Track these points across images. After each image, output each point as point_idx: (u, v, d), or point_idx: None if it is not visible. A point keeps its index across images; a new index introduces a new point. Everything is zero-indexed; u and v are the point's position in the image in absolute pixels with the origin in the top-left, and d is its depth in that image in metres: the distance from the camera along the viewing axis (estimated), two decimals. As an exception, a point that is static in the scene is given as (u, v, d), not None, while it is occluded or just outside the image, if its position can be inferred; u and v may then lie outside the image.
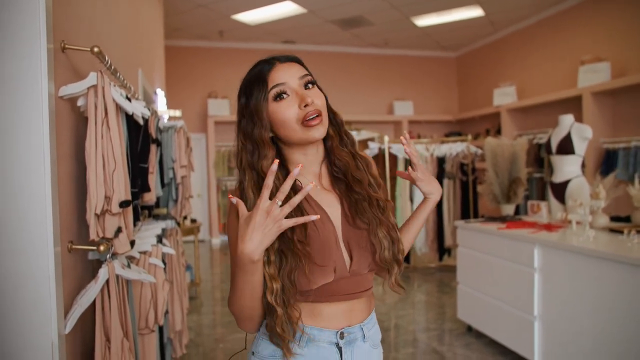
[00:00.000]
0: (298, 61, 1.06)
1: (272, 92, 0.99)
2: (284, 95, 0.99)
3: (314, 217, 0.87)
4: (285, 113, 0.99)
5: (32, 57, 1.10)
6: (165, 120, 3.08)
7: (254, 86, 1.02)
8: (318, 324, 1.02)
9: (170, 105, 5.71)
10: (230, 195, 0.94)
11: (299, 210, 0.96)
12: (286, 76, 1.00)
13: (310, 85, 1.02)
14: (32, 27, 1.10)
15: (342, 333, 1.02)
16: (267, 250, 0.92)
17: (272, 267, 0.94)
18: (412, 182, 1.21)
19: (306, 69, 1.06)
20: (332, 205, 1.04)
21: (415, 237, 1.23)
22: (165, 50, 6.30)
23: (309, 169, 1.07)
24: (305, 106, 0.98)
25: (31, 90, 1.11)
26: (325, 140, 1.07)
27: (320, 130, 0.99)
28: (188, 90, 7.90)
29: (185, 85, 7.88)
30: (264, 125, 1.00)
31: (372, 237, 1.03)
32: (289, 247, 0.94)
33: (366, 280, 1.06)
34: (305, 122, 0.98)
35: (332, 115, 1.09)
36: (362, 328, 1.06)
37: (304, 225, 0.96)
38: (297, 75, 1.01)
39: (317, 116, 0.98)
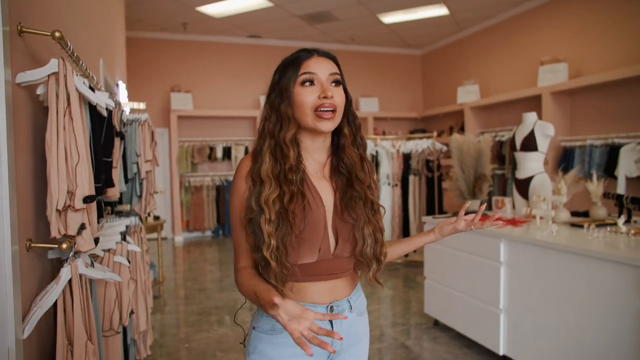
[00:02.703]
0: (334, 60, 1.18)
1: (301, 77, 1.11)
2: (310, 83, 1.11)
3: (331, 349, 0.87)
4: (305, 97, 1.10)
5: (-14, 40, 1.01)
6: (127, 113, 2.96)
7: (289, 68, 1.13)
8: (309, 300, 1.13)
9: (131, 98, 5.52)
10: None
11: (300, 192, 1.09)
12: (318, 68, 1.12)
13: (336, 84, 1.13)
14: (-14, 7, 1.01)
15: (331, 307, 1.15)
16: (269, 210, 1.06)
17: (271, 226, 1.05)
18: (462, 224, 1.30)
19: (340, 70, 1.17)
20: (326, 193, 1.16)
21: (399, 254, 1.34)
22: (127, 42, 6.08)
23: (313, 155, 1.18)
24: (324, 98, 1.09)
25: (-15, 76, 1.02)
26: (338, 136, 1.19)
27: (328, 125, 1.10)
28: (150, 83, 7.66)
29: (147, 78, 7.63)
30: (290, 103, 1.11)
31: (356, 232, 1.14)
32: (285, 215, 1.06)
33: (348, 262, 1.18)
34: (317, 112, 1.09)
35: (352, 118, 1.21)
36: (349, 300, 1.19)
37: (302, 200, 1.09)
38: (328, 71, 1.12)
39: (331, 111, 1.10)
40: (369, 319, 1.31)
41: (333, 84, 1.13)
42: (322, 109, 1.09)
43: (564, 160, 5.60)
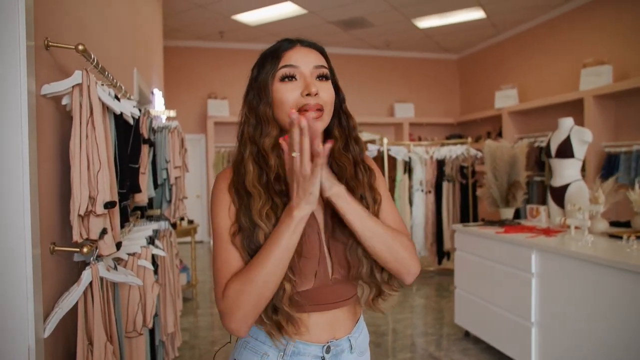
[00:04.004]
0: (321, 51, 1.01)
1: (281, 72, 0.95)
2: (291, 78, 0.95)
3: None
4: (285, 95, 0.94)
5: (11, 55, 1.07)
6: (164, 121, 3.06)
7: (268, 61, 0.98)
8: (303, 337, 0.97)
9: (169, 106, 5.70)
10: (281, 140, 0.84)
11: (287, 202, 0.92)
12: (301, 60, 0.96)
13: (323, 78, 0.97)
14: (11, 24, 1.07)
15: (328, 347, 0.98)
16: (266, 224, 0.91)
17: None
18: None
19: (327, 61, 1.01)
20: (317, 209, 0.98)
21: (377, 247, 0.95)
22: (165, 51, 6.29)
23: None
24: (307, 95, 0.93)
25: (10, 88, 1.08)
26: (327, 139, 1.00)
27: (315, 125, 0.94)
28: (188, 90, 7.89)
29: (185, 86, 7.86)
30: (269, 103, 0.96)
31: (349, 253, 0.97)
32: None
33: (350, 288, 1.02)
34: (301, 112, 0.92)
35: (346, 118, 1.05)
36: (349, 339, 1.02)
37: None
38: (313, 63, 0.96)
39: (317, 110, 0.93)
40: (399, 327, 1.18)
41: (319, 79, 0.96)
42: (306, 109, 0.92)
43: (607, 166, 5.35)
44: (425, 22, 7.01)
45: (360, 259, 0.97)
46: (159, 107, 4.15)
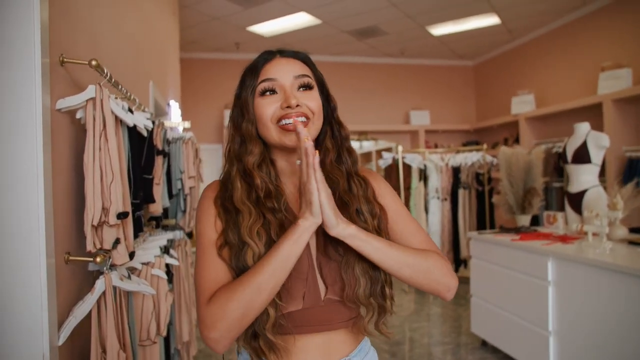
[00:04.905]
0: (303, 59, 0.98)
1: (260, 87, 0.93)
2: (272, 92, 0.93)
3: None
4: (264, 109, 0.92)
5: (27, 71, 1.12)
6: (180, 131, 3.11)
7: (247, 77, 0.97)
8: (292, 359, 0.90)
9: (186, 116, 5.79)
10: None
11: (287, 221, 0.91)
12: (280, 72, 0.93)
13: (305, 88, 0.94)
14: (27, 42, 1.11)
15: None
16: (256, 243, 0.87)
17: None
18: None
19: (312, 69, 0.99)
20: None
21: (408, 275, 0.91)
22: (181, 63, 6.41)
23: (291, 178, 1.00)
24: (287, 107, 0.90)
25: (26, 104, 1.12)
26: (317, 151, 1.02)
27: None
28: (204, 101, 8.00)
29: (202, 97, 7.98)
30: (251, 119, 0.94)
31: (343, 271, 0.90)
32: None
33: (348, 309, 0.93)
34: (281, 124, 0.91)
35: (338, 128, 1.01)
36: None
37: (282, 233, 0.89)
38: (293, 74, 0.93)
39: (299, 121, 0.90)
40: (415, 336, 1.11)
41: (301, 89, 0.94)
42: (285, 121, 0.90)
43: (628, 172, 5.24)
44: (440, 30, 7.00)
45: (357, 277, 0.90)
46: (175, 118, 4.22)
